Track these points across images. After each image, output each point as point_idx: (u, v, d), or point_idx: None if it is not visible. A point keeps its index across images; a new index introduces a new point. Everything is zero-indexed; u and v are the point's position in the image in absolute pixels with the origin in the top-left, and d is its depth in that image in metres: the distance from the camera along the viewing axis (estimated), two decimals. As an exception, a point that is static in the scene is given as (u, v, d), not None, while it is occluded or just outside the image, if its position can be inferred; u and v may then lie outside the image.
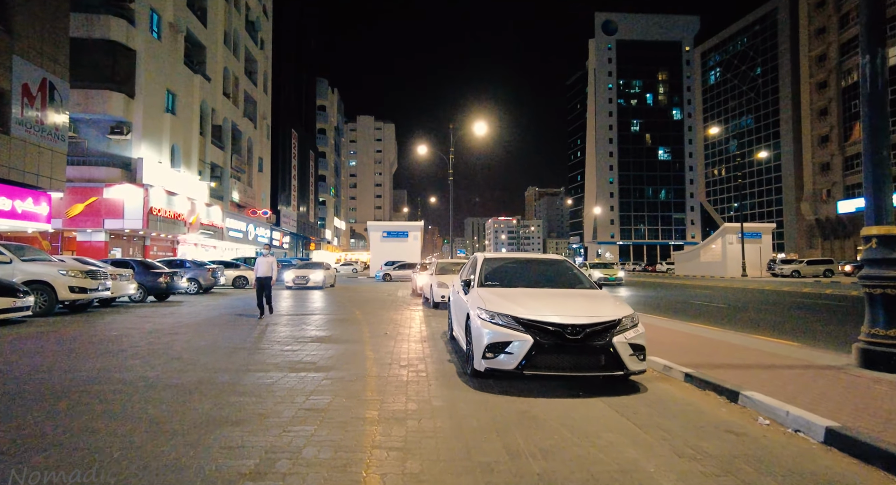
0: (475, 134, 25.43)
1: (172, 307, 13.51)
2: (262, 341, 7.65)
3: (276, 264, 11.13)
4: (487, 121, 24.60)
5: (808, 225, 64.38)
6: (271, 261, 11.06)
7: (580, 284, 6.08)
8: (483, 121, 24.78)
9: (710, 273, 48.64)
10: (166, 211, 22.82)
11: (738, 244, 45.00)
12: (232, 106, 34.27)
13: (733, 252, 45.91)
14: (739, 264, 43.36)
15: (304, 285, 22.79)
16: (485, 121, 24.66)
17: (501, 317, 4.85)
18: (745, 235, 43.98)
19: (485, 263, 6.47)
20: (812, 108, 61.83)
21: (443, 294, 13.03)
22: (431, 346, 7.41)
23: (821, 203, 61.13)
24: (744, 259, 42.85)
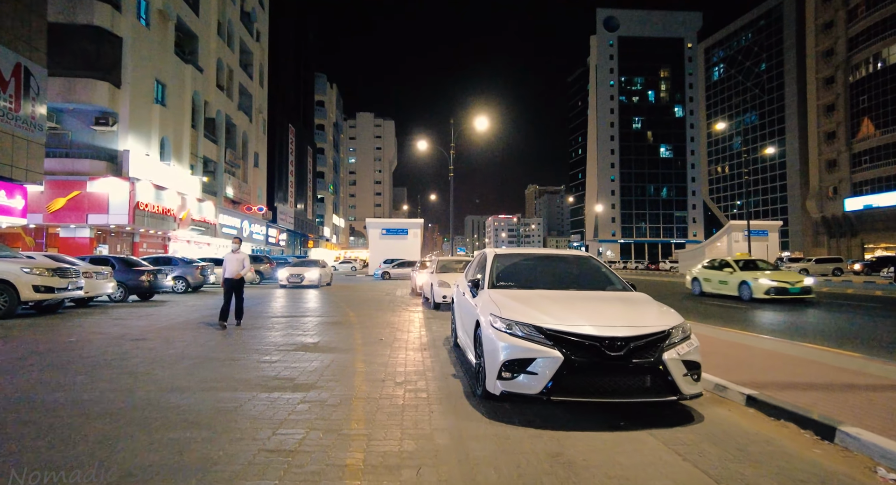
0: (475, 131, 24.54)
1: (153, 308, 12.54)
2: (239, 349, 6.67)
3: (248, 262, 9.16)
4: (487, 118, 23.67)
5: (814, 223, 63.40)
6: (242, 258, 9.09)
7: (611, 286, 5.10)
8: (483, 117, 23.97)
9: (715, 272, 47.63)
10: (154, 206, 21.82)
11: (745, 242, 44.05)
12: (226, 98, 33.24)
13: (739, 250, 44.97)
14: (746, 263, 42.30)
15: (299, 284, 21.82)
16: (485, 117, 23.78)
17: (521, 327, 3.88)
18: (751, 232, 42.98)
19: (496, 260, 5.48)
20: (818, 105, 60.79)
21: (444, 294, 12.07)
22: (433, 355, 6.43)
23: (827, 201, 60.14)
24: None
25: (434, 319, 10.58)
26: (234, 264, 9.01)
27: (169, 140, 24.89)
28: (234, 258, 9.05)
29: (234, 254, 9.09)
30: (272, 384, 4.80)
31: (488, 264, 5.37)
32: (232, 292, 8.97)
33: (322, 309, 12.47)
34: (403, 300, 15.32)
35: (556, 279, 5.24)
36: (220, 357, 6.14)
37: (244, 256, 9.19)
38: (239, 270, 9.02)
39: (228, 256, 9.17)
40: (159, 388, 4.62)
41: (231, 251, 9.18)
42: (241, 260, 9.08)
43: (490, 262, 5.41)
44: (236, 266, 9.01)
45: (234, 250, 9.14)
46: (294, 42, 53.61)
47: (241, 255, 9.14)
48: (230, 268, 9.01)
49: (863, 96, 54.76)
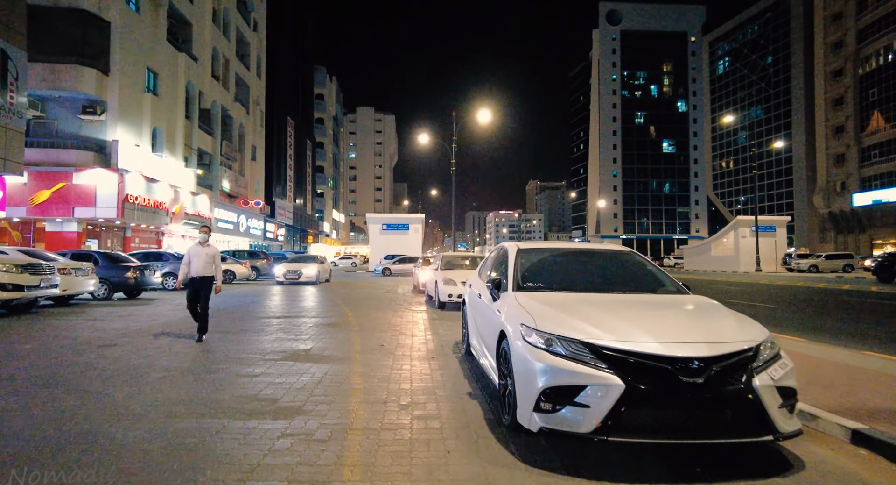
0: (476, 127, 23.78)
1: (137, 307, 11.67)
2: (218, 359, 5.79)
3: (219, 259, 7.29)
4: (489, 112, 22.94)
5: (821, 218, 62.42)
6: (213, 253, 7.16)
7: (663, 288, 4.21)
8: (485, 110, 23.31)
9: (721, 268, 46.82)
10: (145, 199, 20.91)
11: (752, 238, 43.16)
12: (222, 89, 32.26)
13: (747, 246, 44.07)
14: (753, 259, 41.52)
15: (297, 281, 20.95)
16: (487, 110, 23.04)
17: (566, 343, 2.99)
18: (759, 228, 42.11)
19: (520, 256, 4.55)
20: (826, 98, 59.66)
21: (450, 293, 11.21)
22: (442, 366, 5.55)
23: (834, 196, 59.14)
24: (758, 253, 40.99)
25: (440, 319, 9.70)
26: (202, 260, 7.06)
27: (161, 131, 23.95)
28: (202, 253, 7.09)
29: (202, 247, 7.14)
30: (249, 408, 3.91)
31: (511, 262, 4.46)
32: (197, 297, 7.01)
33: (319, 308, 11.60)
34: (405, 298, 14.45)
35: (595, 280, 4.34)
36: (195, 369, 5.26)
37: (215, 251, 7.23)
38: (207, 267, 7.08)
39: (194, 249, 7.15)
40: (108, 414, 3.73)
41: (198, 243, 7.24)
42: (212, 256, 7.15)
43: (512, 259, 4.50)
44: (204, 263, 7.06)
45: (201, 242, 7.21)
46: (293, 34, 52.51)
47: (212, 249, 7.18)
48: (196, 264, 7.05)
49: (873, 89, 53.65)
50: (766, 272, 40.29)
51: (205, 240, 7.27)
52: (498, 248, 5.53)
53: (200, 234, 7.40)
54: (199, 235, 7.37)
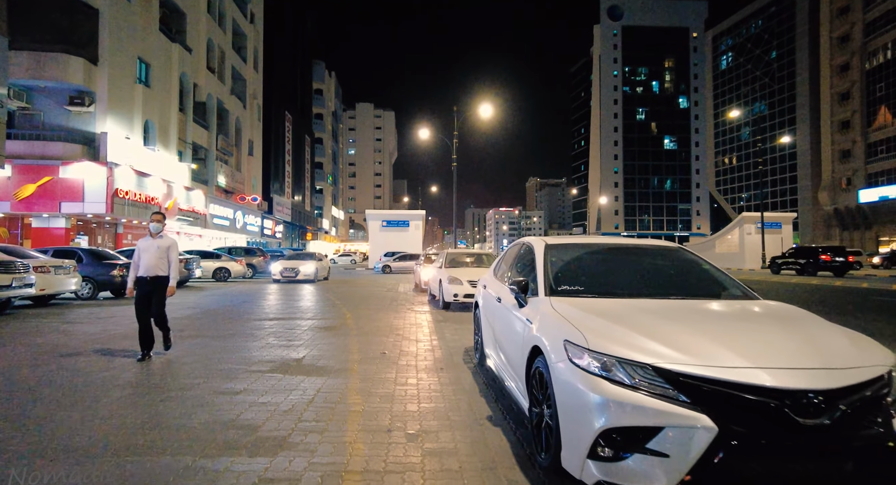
0: (476, 124, 23.11)
1: (122, 307, 10.93)
2: (195, 371, 5.06)
3: (175, 254, 5.78)
4: (490, 107, 22.42)
5: (825, 215, 61.70)
6: (167, 246, 5.69)
7: (726, 292, 3.46)
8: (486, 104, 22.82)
9: (726, 265, 46.10)
10: (136, 194, 20.14)
11: (757, 235, 42.48)
12: (217, 82, 31.44)
13: (752, 243, 43.40)
14: (759, 256, 40.85)
15: (294, 279, 20.24)
16: (489, 104, 22.46)
17: (632, 368, 2.26)
18: (764, 225, 41.41)
19: (549, 253, 3.79)
20: (832, 93, 58.89)
21: (455, 292, 10.48)
22: (453, 380, 4.82)
23: (840, 192, 58.42)
24: (764, 250, 40.29)
25: (445, 321, 8.97)
26: (153, 255, 5.58)
27: (154, 124, 23.16)
28: (152, 247, 5.61)
29: (153, 240, 5.65)
30: (223, 439, 3.18)
31: (539, 260, 3.71)
32: (148, 302, 5.60)
33: (315, 309, 10.86)
34: (407, 297, 13.72)
35: (644, 282, 3.59)
36: (166, 384, 4.52)
37: (170, 243, 5.75)
38: (159, 265, 5.61)
39: (144, 243, 5.67)
40: (42, 452, 3.00)
41: (149, 235, 5.72)
42: (165, 250, 5.66)
43: (541, 256, 3.75)
44: (156, 258, 5.59)
45: (153, 233, 5.70)
46: (291, 27, 51.61)
47: (166, 241, 5.72)
48: (146, 260, 5.58)
49: (880, 84, 52.89)
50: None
51: (157, 231, 5.72)
52: (518, 244, 4.79)
53: (152, 223, 5.76)
54: (151, 225, 5.76)
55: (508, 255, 4.99)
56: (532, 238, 4.33)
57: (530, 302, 3.40)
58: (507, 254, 5.07)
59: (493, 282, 5.03)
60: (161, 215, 5.95)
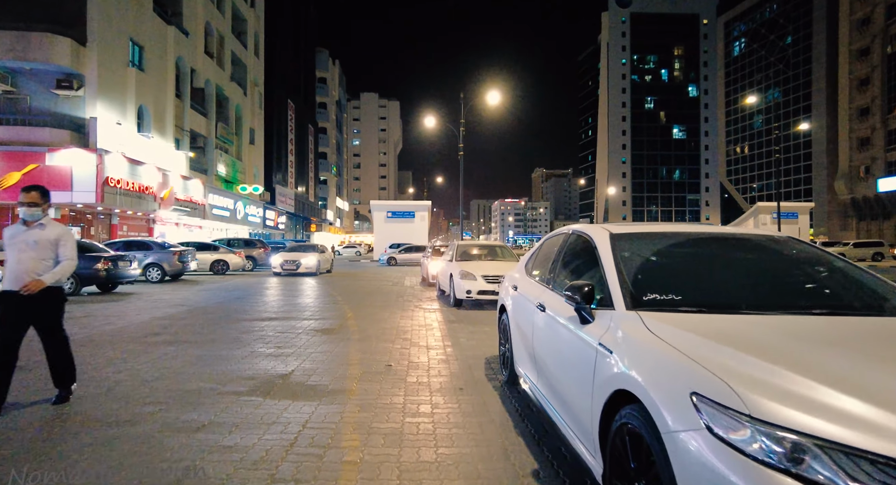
0: (482, 115, 22.32)
1: (103, 304, 10.00)
2: (155, 392, 4.06)
3: (68, 249, 3.68)
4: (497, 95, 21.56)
5: (842, 205, 60.08)
6: (50, 239, 3.61)
7: (888, 302, 2.37)
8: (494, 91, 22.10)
9: (741, 257, 44.86)
10: (129, 183, 19.18)
11: (773, 225, 41.19)
12: (216, 67, 30.34)
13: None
14: (776, 247, 39.48)
15: (294, 271, 19.30)
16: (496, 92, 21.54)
17: (850, 461, 1.21)
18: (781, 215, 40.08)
19: (619, 246, 2.71)
20: (851, 78, 56.96)
21: (468, 289, 9.46)
22: (477, 407, 3.80)
23: (858, 181, 56.71)
24: (781, 241, 38.89)
25: (458, 322, 7.95)
26: (27, 255, 3.55)
27: (148, 109, 22.14)
28: (28, 241, 3.57)
29: (28, 230, 3.60)
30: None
31: (606, 256, 2.64)
32: (22, 324, 3.58)
33: (314, 306, 9.87)
34: (414, 292, 12.72)
35: (770, 290, 2.49)
36: (106, 416, 3.51)
37: (59, 234, 3.68)
38: (38, 266, 3.57)
39: (13, 233, 3.62)
40: None
41: (21, 223, 3.65)
42: (51, 244, 3.63)
43: (607, 251, 2.67)
44: (32, 260, 3.55)
45: (25, 221, 3.63)
46: (293, 13, 50.28)
47: (50, 232, 3.65)
48: (13, 263, 3.55)
49: (902, 68, 50.96)
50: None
51: (33, 218, 3.61)
52: (561, 234, 3.72)
53: (24, 208, 3.57)
54: (22, 210, 3.59)
55: (548, 248, 3.94)
56: (586, 226, 3.28)
57: (600, 316, 2.36)
58: (546, 247, 4.01)
59: (526, 282, 3.98)
60: (38, 194, 3.60)
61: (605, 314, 2.34)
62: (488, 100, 22.28)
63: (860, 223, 57.60)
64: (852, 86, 57.16)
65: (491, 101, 22.16)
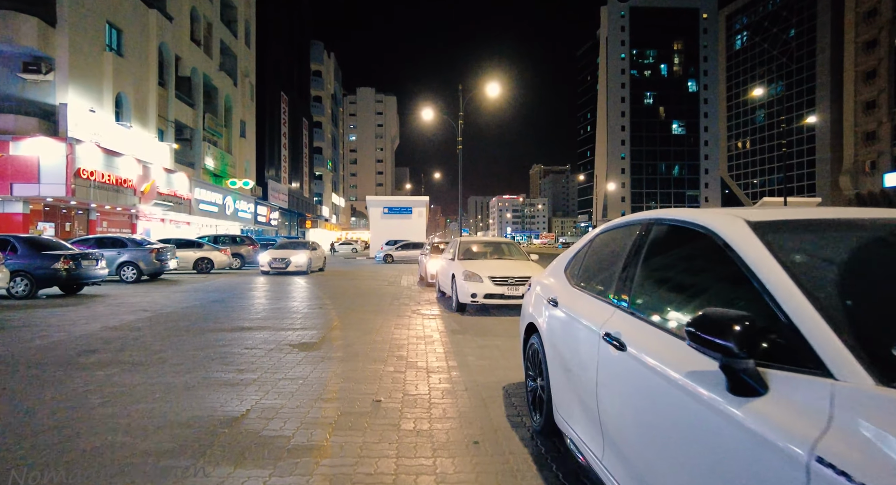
0: (479, 111, 21.22)
1: (59, 309, 8.74)
2: (33, 452, 2.81)
3: None
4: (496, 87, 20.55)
5: (846, 200, 59.02)
6: None
7: None
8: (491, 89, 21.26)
9: (747, 253, 43.89)
10: (104, 175, 17.85)
11: (781, 221, 40.13)
12: (204, 56, 28.93)
13: (775, 230, 40.95)
14: (783, 244, 38.40)
15: (284, 270, 18.06)
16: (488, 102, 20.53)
17: None
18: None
19: (777, 246, 1.50)
20: (857, 71, 55.81)
21: (473, 292, 8.22)
22: (505, 478, 2.57)
23: (863, 176, 55.68)
24: (789, 238, 37.77)
25: (464, 332, 6.73)
26: None
27: (128, 98, 20.78)
28: None
29: None
30: None
31: (761, 266, 1.42)
32: None
33: (297, 312, 8.63)
34: (411, 294, 11.49)
35: None
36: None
37: None
38: None
39: None
40: None
41: None
42: None
43: (758, 254, 1.46)
44: None
45: None
46: (286, 2, 48.74)
47: None
48: None
49: (910, 61, 49.85)
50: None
51: None
52: (632, 224, 2.48)
53: None
54: None
55: (605, 246, 2.72)
56: (685, 211, 2.05)
57: (785, 386, 1.15)
58: (601, 245, 2.79)
59: (573, 295, 2.76)
60: None
61: (799, 383, 1.13)
62: (486, 93, 21.41)
63: (865, 219, 56.44)
64: (858, 79, 56.04)
65: (489, 93, 21.24)
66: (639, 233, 2.33)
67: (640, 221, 2.40)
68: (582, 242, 3.17)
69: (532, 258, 9.78)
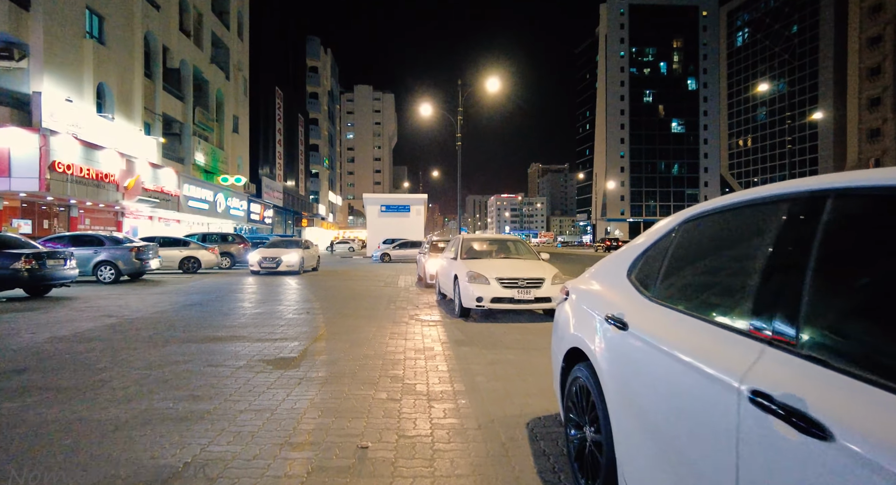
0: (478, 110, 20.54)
1: (15, 314, 7.76)
2: None
3: None
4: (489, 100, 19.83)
5: (850, 199, 58.05)
6: None
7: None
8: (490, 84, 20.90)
9: (752, 252, 42.89)
10: (83, 169, 16.82)
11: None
12: (194, 47, 27.87)
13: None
14: (789, 242, 37.50)
15: (274, 270, 17.11)
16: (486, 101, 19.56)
17: None
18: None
19: None
20: (862, 67, 55.01)
21: (479, 295, 7.26)
22: None
23: (867, 174, 54.76)
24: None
25: (470, 344, 5.77)
26: None
27: (111, 89, 19.75)
28: None
29: None
30: None
31: None
32: None
33: (279, 317, 7.66)
34: (409, 297, 10.52)
35: None
36: None
37: None
38: None
39: None
40: None
41: None
42: None
43: None
44: None
45: None
46: (281, -4, 47.63)
47: None
48: None
49: (916, 56, 49.05)
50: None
51: None
52: (799, 194, 1.50)
53: None
54: None
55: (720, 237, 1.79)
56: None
57: None
58: (709, 234, 1.87)
59: (658, 314, 1.80)
60: None
61: None
62: (484, 90, 21.02)
63: (869, 218, 55.64)
64: (862, 75, 55.24)
65: (487, 90, 20.62)
66: (793, 214, 1.37)
67: (789, 195, 1.43)
68: (654, 233, 2.21)
69: (543, 257, 8.82)
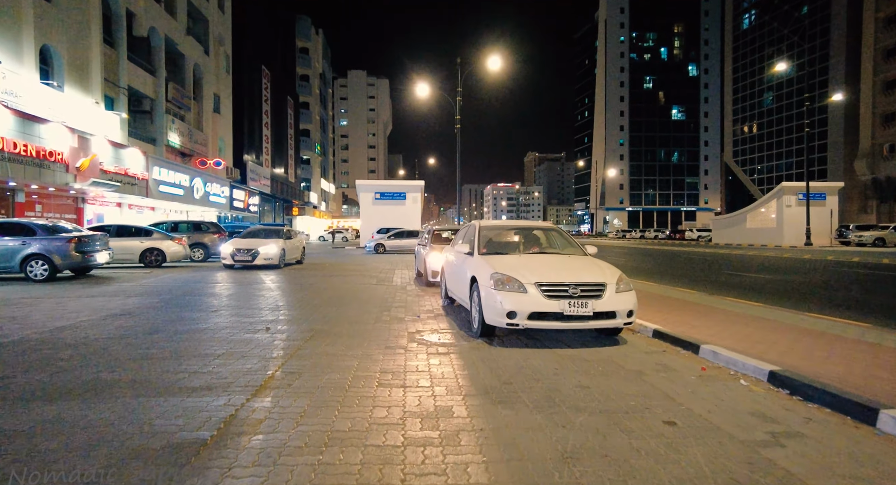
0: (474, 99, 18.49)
1: None
2: None
3: None
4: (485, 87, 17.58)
5: (862, 186, 56.21)
6: None
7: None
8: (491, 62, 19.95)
9: (760, 241, 40.82)
10: (18, 145, 14.26)
11: (799, 207, 37.15)
12: (166, 15, 25.08)
13: (792, 216, 37.94)
14: (801, 231, 35.52)
15: (250, 263, 14.78)
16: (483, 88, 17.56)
17: None
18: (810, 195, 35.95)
19: None
20: (876, 49, 52.53)
21: (511, 310, 4.87)
22: None
23: (881, 160, 52.69)
24: (809, 224, 34.81)
25: (509, 403, 3.41)
26: None
27: (59, 53, 17.10)
28: None
29: None
30: None
31: None
32: None
33: (220, 340, 5.27)
34: (407, 299, 8.16)
35: None
36: None
37: None
38: None
39: None
40: None
41: None
42: None
43: None
44: None
45: None
46: (267, -32, 44.54)
47: None
48: None
49: (936, 37, 46.68)
50: (818, 246, 34.41)
51: None
52: None
53: None
54: None
55: None
56: None
57: None
58: None
59: None
60: None
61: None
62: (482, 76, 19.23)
63: (882, 206, 53.76)
64: (877, 58, 52.80)
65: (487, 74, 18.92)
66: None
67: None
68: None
69: (589, 251, 6.40)
